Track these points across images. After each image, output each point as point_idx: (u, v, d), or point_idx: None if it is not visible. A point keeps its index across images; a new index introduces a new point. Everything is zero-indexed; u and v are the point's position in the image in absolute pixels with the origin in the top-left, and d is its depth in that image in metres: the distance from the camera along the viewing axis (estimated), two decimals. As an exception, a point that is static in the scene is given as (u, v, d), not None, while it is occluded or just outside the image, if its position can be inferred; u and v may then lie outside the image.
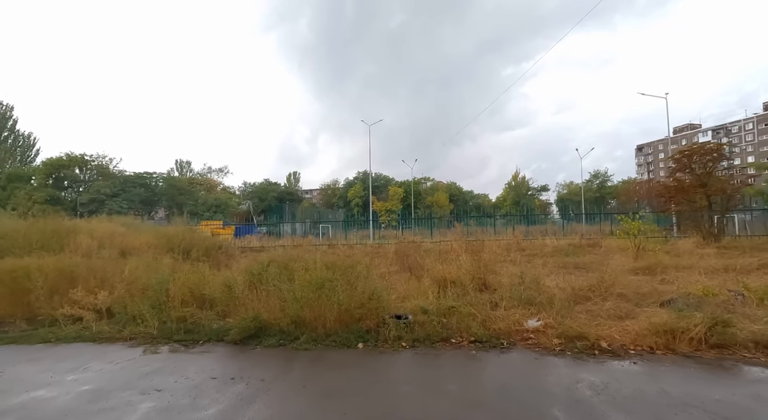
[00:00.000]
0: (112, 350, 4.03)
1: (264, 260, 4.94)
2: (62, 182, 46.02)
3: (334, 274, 4.26)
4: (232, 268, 10.45)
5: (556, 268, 8.19)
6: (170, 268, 6.87)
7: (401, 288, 6.86)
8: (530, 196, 73.51)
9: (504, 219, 34.16)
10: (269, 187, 68.30)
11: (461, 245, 15.46)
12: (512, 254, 13.00)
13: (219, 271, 6.84)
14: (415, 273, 7.98)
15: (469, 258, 7.26)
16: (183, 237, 10.92)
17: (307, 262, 4.67)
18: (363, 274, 4.47)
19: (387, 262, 11.65)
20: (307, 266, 4.47)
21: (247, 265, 4.97)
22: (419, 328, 4.00)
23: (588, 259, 10.27)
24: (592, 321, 4.01)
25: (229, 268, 10.87)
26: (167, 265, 6.90)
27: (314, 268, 4.40)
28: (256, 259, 5.33)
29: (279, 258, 5.23)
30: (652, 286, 5.52)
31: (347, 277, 4.44)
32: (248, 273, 4.72)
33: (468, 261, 7.02)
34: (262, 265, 4.79)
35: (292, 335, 4.04)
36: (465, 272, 6.11)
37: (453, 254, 12.85)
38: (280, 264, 4.83)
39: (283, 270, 4.66)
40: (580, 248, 14.32)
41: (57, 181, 45.48)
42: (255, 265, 4.83)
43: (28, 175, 43.82)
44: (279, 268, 4.73)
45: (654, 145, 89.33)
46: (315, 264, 4.54)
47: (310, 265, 4.52)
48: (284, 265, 4.79)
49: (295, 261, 4.79)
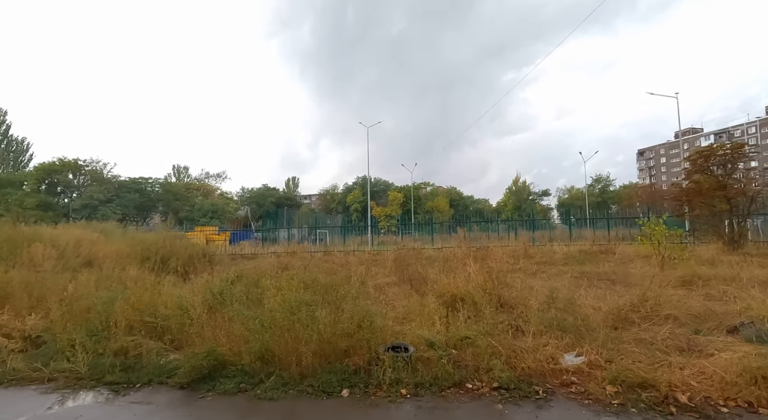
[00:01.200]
0: (18, 398, 3.06)
1: (230, 275, 3.98)
2: (55, 188, 45.10)
3: (314, 296, 3.30)
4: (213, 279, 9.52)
5: (576, 280, 7.23)
6: (134, 281, 5.94)
7: (400, 304, 5.91)
8: (531, 201, 72.67)
9: (507, 224, 33.14)
10: (267, 193, 67.39)
11: (465, 252, 14.54)
12: (521, 262, 12.05)
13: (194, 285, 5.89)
14: (416, 286, 7.02)
15: (477, 268, 6.30)
16: (162, 245, 9.96)
17: (280, 278, 3.73)
18: (352, 294, 3.51)
19: (385, 271, 10.68)
20: (279, 285, 3.51)
21: (205, 282, 4.02)
22: (424, 368, 3.04)
23: (607, 268, 9.30)
24: (650, 356, 3.05)
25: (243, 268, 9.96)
26: (131, 278, 5.95)
27: (288, 287, 3.44)
28: (221, 274, 4.35)
29: (249, 272, 4.27)
30: (703, 305, 4.56)
31: (332, 297, 3.49)
32: (209, 291, 3.76)
33: (477, 272, 6.07)
34: (226, 281, 3.83)
35: (256, 376, 3.08)
36: (475, 286, 5.16)
37: (457, 263, 11.92)
38: (249, 280, 3.88)
39: (252, 288, 3.71)
40: (593, 255, 13.37)
41: (50, 187, 44.56)
42: (218, 281, 3.87)
43: (19, 181, 42.91)
44: (247, 286, 3.79)
45: (655, 149, 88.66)
46: (291, 281, 3.59)
47: (283, 283, 3.57)
48: (254, 281, 3.84)
49: (268, 277, 3.84)
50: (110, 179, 45.99)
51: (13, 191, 40.88)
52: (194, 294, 3.97)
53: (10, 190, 41.14)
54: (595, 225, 30.41)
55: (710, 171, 13.87)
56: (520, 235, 25.57)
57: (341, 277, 4.02)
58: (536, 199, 73.59)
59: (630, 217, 25.47)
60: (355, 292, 3.52)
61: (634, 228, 24.68)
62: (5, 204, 39.18)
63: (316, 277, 3.77)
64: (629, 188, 72.99)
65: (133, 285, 4.89)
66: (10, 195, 40.26)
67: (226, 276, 3.97)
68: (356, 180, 67.05)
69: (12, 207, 38.50)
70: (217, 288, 3.66)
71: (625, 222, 27.26)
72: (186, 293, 3.92)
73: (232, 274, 3.91)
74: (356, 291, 3.58)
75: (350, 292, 3.54)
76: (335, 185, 73.09)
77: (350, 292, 3.54)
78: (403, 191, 63.21)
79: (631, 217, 25.15)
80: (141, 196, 47.87)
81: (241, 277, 3.97)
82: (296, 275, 3.79)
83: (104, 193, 43.17)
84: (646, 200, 64.15)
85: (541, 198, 74.49)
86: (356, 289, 3.69)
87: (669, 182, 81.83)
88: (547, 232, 27.59)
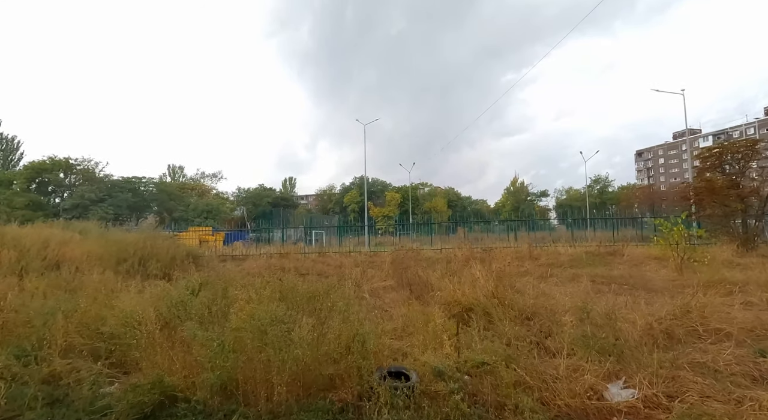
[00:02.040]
0: None
1: (192, 283, 3.27)
2: (46, 187, 44.15)
3: (291, 309, 2.61)
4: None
5: (591, 284, 6.56)
6: (97, 287, 5.22)
7: (398, 313, 5.22)
8: (530, 202, 72.33)
9: (506, 224, 32.44)
10: (264, 193, 66.62)
11: (467, 254, 13.88)
12: (526, 264, 11.40)
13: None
14: (416, 292, 6.32)
15: (485, 272, 5.62)
16: (142, 245, 9.23)
17: (254, 286, 3.03)
18: (339, 307, 2.81)
19: (382, 274, 9.99)
20: (248, 297, 2.81)
21: (160, 292, 3.30)
22: (431, 405, 2.33)
23: (621, 271, 8.66)
24: (721, 389, 2.37)
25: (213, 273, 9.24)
26: (93, 283, 5.23)
27: (258, 298, 2.74)
28: (188, 281, 3.62)
29: (218, 279, 3.56)
30: (755, 317, 3.89)
31: (315, 308, 2.80)
32: (167, 302, 3.05)
33: (485, 276, 5.40)
34: (187, 290, 3.12)
35: (214, 416, 2.38)
36: (486, 293, 4.47)
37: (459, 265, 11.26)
38: (216, 288, 3.18)
39: (220, 299, 3.02)
40: (600, 257, 12.73)
41: (40, 186, 43.61)
42: (177, 289, 3.16)
43: (9, 180, 41.92)
44: (214, 295, 3.08)
45: (654, 150, 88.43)
46: (265, 288, 2.90)
47: (253, 294, 2.86)
48: (222, 290, 3.14)
49: (239, 285, 3.14)
50: (102, 178, 45.08)
51: (1, 190, 39.91)
52: (152, 304, 3.26)
53: (0, 189, 40.18)
54: (596, 226, 29.84)
55: (722, 169, 13.30)
56: (520, 236, 24.96)
57: (328, 283, 3.29)
58: (534, 199, 73.21)
59: (636, 217, 24.85)
60: (344, 304, 2.81)
61: (639, 229, 24.11)
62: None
63: (295, 285, 3.05)
64: (628, 189, 72.69)
65: (92, 292, 4.18)
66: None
67: (187, 283, 3.26)
68: (353, 180, 66.48)
69: (0, 207, 37.59)
70: (175, 298, 2.96)
71: (628, 222, 26.66)
72: (139, 304, 3.21)
73: (194, 282, 3.21)
74: (345, 302, 2.87)
75: (337, 303, 2.83)
76: (332, 186, 72.53)
77: (337, 304, 2.84)
78: (401, 191, 62.60)
79: (638, 217, 24.54)
80: (134, 196, 46.96)
81: (207, 284, 3.26)
82: (271, 283, 3.08)
83: (96, 193, 42.25)
84: (645, 201, 63.90)
85: (539, 199, 74.12)
86: (346, 298, 2.98)
87: (667, 183, 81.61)
88: (548, 233, 26.97)
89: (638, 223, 25.66)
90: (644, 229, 26.15)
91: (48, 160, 42.01)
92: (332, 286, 3.12)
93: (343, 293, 3.20)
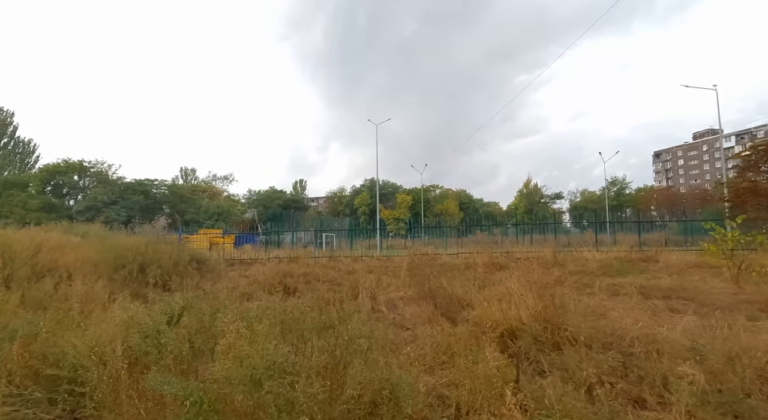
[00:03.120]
0: None
1: (175, 306, 2.55)
2: (60, 189, 44.61)
3: (292, 352, 1.88)
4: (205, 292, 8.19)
5: (643, 299, 5.69)
6: (82, 299, 4.60)
7: (423, 333, 4.47)
8: (543, 204, 70.83)
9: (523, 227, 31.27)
10: (274, 195, 66.54)
11: (486, 259, 13.03)
12: (554, 272, 10.51)
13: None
14: (441, 306, 5.55)
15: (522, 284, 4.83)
16: (144, 250, 8.67)
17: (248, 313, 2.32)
18: (360, 346, 2.08)
19: (398, 282, 9.21)
20: (239, 331, 2.08)
21: (130, 317, 2.59)
22: None
23: (668, 281, 7.74)
24: None
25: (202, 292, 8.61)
26: (77, 295, 4.61)
27: (251, 335, 2.01)
28: (170, 302, 2.90)
29: (208, 300, 2.84)
30: None
31: (327, 348, 2.07)
32: (139, 332, 2.35)
33: (522, 290, 4.61)
34: (166, 315, 2.42)
35: None
36: (533, 313, 3.68)
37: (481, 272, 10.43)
38: (200, 315, 2.48)
39: (203, 333, 2.31)
40: (633, 264, 11.75)
41: (55, 189, 44.08)
42: (154, 315, 2.45)
43: (24, 182, 42.43)
44: (199, 323, 2.38)
45: (673, 151, 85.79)
46: (262, 320, 2.18)
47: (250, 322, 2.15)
48: (209, 317, 2.43)
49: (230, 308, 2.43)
50: (115, 181, 45.33)
51: (17, 193, 40.36)
52: (124, 331, 2.57)
53: (15, 191, 40.64)
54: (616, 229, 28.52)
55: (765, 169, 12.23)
56: (538, 240, 23.94)
57: (343, 310, 2.55)
58: (549, 202, 71.63)
59: (668, 220, 23.55)
60: (368, 344, 2.08)
61: (672, 232, 22.78)
62: (9, 206, 38.66)
63: (302, 314, 2.32)
64: (645, 191, 70.56)
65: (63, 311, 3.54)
66: (14, 197, 39.75)
67: (166, 307, 2.54)
68: (364, 183, 65.93)
69: (15, 209, 38.00)
70: (149, 328, 2.26)
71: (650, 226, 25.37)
72: (108, 331, 2.53)
73: (174, 305, 2.50)
74: (367, 337, 2.13)
75: (357, 340, 2.10)
76: (343, 188, 72.04)
77: (357, 341, 2.10)
78: (412, 194, 61.80)
79: (670, 220, 23.20)
80: (146, 198, 47.17)
81: (192, 308, 2.54)
82: (270, 310, 2.36)
83: (109, 195, 42.46)
84: (664, 203, 61.80)
85: (553, 201, 72.52)
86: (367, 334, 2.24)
87: (687, 185, 79.00)
88: (565, 237, 25.85)
89: (669, 226, 24.35)
90: (667, 231, 24.89)
91: (62, 163, 42.43)
92: (350, 314, 2.38)
93: (362, 318, 2.46)
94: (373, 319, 5.60)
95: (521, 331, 3.55)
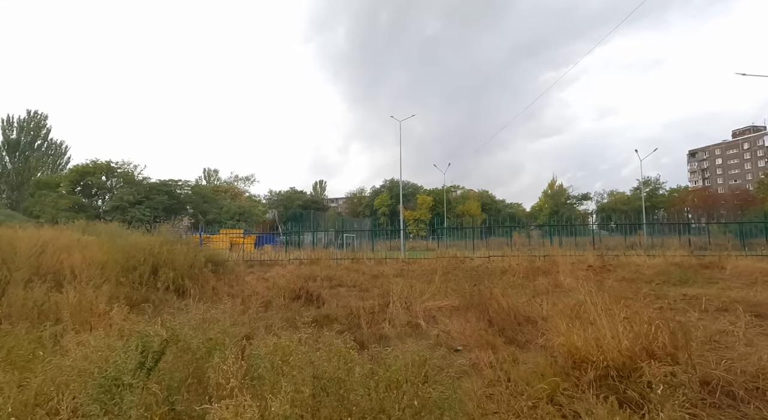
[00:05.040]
0: None
1: (154, 341, 1.73)
2: (90, 189, 45.76)
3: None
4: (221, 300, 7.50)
5: (752, 319, 4.57)
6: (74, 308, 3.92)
7: (482, 360, 3.56)
8: (569, 205, 68.19)
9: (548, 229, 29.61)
10: (294, 196, 66.71)
11: (525, 263, 11.91)
12: (607, 279, 9.34)
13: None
14: (498, 323, 4.58)
15: (603, 299, 3.82)
16: (158, 250, 8.06)
17: (259, 360, 1.47)
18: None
19: (431, 288, 8.22)
20: (240, 404, 1.23)
21: (83, 356, 1.80)
22: None
23: (754, 294, 6.50)
24: None
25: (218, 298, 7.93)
26: (70, 304, 3.93)
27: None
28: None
29: (199, 337, 1.95)
30: None
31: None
32: (94, 388, 1.54)
33: (603, 305, 3.62)
34: (140, 350, 1.60)
35: None
36: (643, 345, 2.71)
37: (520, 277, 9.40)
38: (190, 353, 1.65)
39: (192, 387, 1.48)
40: (694, 271, 10.39)
41: (84, 189, 45.25)
42: (123, 356, 1.64)
43: (56, 183, 43.74)
44: (183, 369, 1.56)
45: (710, 149, 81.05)
46: (286, 361, 1.33)
47: (265, 372, 1.30)
48: (203, 356, 1.60)
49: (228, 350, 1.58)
50: (140, 181, 46.17)
51: (48, 193, 41.60)
52: (84, 372, 1.78)
53: (47, 191, 41.92)
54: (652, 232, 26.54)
55: None
56: (566, 242, 22.39)
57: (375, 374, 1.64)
58: (575, 203, 68.91)
59: (739, 221, 21.60)
60: None
61: (739, 236, 20.80)
62: (41, 205, 39.87)
63: (345, 362, 1.45)
64: (680, 192, 66.82)
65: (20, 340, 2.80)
66: (45, 196, 40.98)
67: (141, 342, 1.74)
68: (384, 183, 65.19)
69: (47, 208, 39.12)
70: (108, 379, 1.46)
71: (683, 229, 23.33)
72: (63, 374, 1.74)
73: (154, 338, 1.69)
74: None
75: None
76: (362, 189, 71.55)
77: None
78: (432, 194, 60.61)
79: (742, 221, 21.16)
80: (170, 198, 47.83)
81: (177, 340, 1.71)
82: (295, 352, 1.49)
83: (134, 195, 43.22)
84: (700, 205, 58.21)
85: (580, 202, 69.76)
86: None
87: (726, 186, 74.37)
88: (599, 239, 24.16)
89: (707, 229, 22.33)
90: (703, 235, 22.86)
91: (91, 164, 43.48)
92: (422, 362, 1.49)
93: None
94: (415, 337, 4.73)
95: (632, 369, 2.58)
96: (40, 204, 40.04)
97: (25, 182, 47.07)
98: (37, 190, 41.99)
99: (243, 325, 4.74)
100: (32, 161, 48.21)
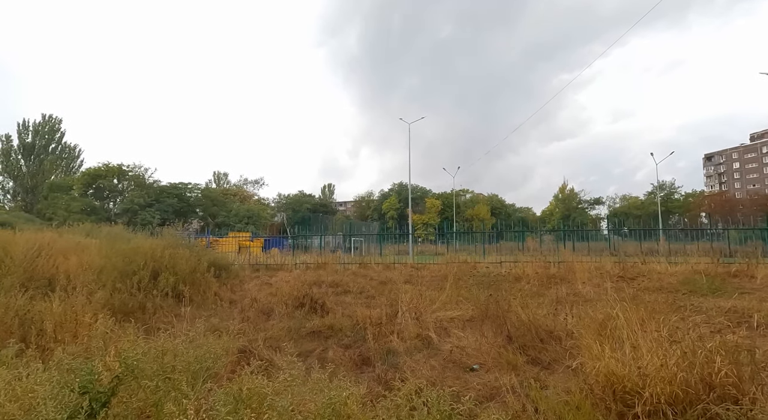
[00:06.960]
0: None
1: (105, 375, 1.40)
2: (102, 192, 46.26)
3: None
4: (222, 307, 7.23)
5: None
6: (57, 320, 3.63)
7: (499, 383, 3.17)
8: (581, 210, 67.00)
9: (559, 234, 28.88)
10: (303, 199, 66.76)
11: (540, 270, 11.41)
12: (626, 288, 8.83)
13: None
14: (518, 339, 4.16)
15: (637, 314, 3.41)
16: (159, 255, 7.81)
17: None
18: None
19: (442, 296, 7.80)
20: None
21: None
22: None
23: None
24: None
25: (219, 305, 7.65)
26: (53, 314, 3.64)
27: None
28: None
29: (158, 378, 1.62)
30: None
31: None
32: None
33: (640, 322, 3.21)
34: (85, 389, 1.28)
35: None
36: (703, 376, 2.30)
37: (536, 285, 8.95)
38: (145, 395, 1.32)
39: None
40: (720, 279, 9.80)
41: (96, 192, 45.75)
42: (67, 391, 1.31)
43: (68, 185, 44.33)
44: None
45: (727, 153, 79.06)
46: None
47: None
48: (160, 402, 1.28)
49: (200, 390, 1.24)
50: (151, 184, 46.53)
51: (61, 196, 42.14)
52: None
53: (60, 194, 42.47)
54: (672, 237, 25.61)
55: None
56: (578, 247, 21.69)
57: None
58: (587, 207, 67.70)
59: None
60: None
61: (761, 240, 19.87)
62: (53, 208, 40.37)
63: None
64: (695, 196, 65.20)
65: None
66: (58, 199, 41.51)
67: (86, 377, 1.42)
68: (392, 187, 64.86)
69: (59, 211, 39.59)
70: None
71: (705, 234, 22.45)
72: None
73: (104, 374, 1.37)
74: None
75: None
76: (371, 192, 71.34)
77: None
78: (441, 198, 60.06)
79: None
80: (180, 201, 48.09)
81: (132, 376, 1.38)
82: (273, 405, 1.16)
83: (144, 198, 43.53)
84: (717, 209, 56.63)
85: (592, 207, 68.50)
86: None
87: (744, 190, 72.33)
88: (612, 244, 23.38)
89: (723, 236, 21.38)
90: (720, 241, 21.91)
91: (102, 167, 43.98)
92: None
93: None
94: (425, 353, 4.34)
95: (687, 404, 2.17)
96: (53, 206, 40.57)
97: (39, 185, 47.86)
98: (50, 193, 42.60)
99: (240, 336, 4.43)
100: (46, 164, 49.01)
